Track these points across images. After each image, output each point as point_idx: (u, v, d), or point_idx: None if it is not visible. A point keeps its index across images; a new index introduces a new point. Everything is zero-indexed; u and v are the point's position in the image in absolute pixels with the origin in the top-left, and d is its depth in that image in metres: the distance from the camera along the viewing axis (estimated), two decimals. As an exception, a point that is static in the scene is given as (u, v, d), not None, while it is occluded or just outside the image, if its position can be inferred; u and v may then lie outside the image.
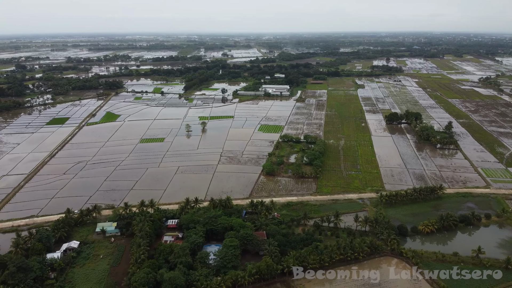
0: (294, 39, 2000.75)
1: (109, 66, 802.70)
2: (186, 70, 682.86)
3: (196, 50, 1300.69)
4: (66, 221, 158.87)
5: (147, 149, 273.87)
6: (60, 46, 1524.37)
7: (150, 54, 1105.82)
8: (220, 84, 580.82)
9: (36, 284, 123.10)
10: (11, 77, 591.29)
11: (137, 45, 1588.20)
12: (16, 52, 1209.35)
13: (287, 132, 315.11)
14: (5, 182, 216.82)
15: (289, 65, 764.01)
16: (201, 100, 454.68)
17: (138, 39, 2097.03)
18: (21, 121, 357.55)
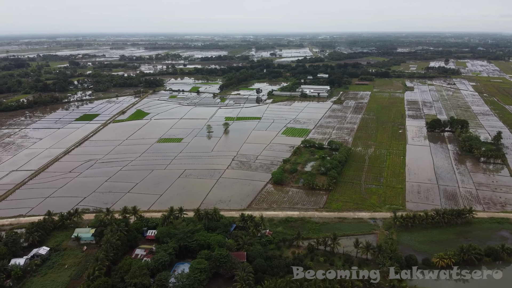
0: (351, 38, 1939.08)
1: (158, 64, 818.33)
2: (228, 69, 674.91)
3: (247, 50, 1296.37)
4: (41, 224, 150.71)
5: (161, 149, 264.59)
6: (120, 44, 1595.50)
7: (201, 54, 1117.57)
8: (260, 84, 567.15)
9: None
10: (60, 73, 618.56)
11: (192, 45, 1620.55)
12: (77, 49, 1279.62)
13: (313, 136, 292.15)
14: (11, 177, 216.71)
15: (336, 64, 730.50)
16: (234, 100, 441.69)
17: (195, 39, 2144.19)
18: (53, 116, 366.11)
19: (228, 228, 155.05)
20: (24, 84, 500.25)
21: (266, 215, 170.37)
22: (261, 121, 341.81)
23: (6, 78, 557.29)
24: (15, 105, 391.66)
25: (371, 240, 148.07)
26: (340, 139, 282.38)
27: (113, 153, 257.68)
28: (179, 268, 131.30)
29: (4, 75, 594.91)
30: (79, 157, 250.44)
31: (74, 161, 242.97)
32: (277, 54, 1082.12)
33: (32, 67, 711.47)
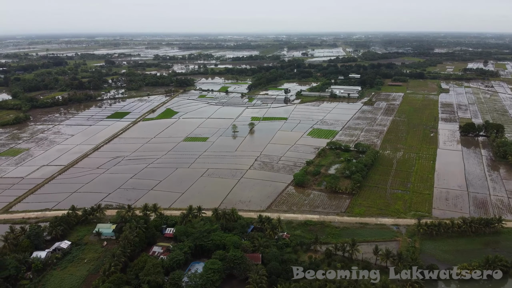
0: (386, 38, 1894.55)
1: (190, 64, 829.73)
2: (258, 69, 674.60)
3: (278, 50, 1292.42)
4: (65, 218, 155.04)
5: (187, 148, 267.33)
6: (155, 44, 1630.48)
7: (233, 54, 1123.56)
8: (289, 84, 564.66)
9: (7, 283, 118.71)
10: (96, 72, 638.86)
11: (224, 45, 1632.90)
12: (114, 48, 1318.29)
13: (340, 138, 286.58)
14: (41, 172, 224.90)
15: (369, 64, 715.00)
16: (262, 100, 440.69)
17: (228, 39, 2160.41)
18: (86, 113, 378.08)
19: (246, 229, 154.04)
20: (60, 82, 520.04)
21: (285, 217, 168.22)
22: (287, 122, 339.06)
23: (44, 76, 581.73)
24: (50, 102, 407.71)
25: (392, 247, 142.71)
26: (368, 142, 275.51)
27: (140, 151, 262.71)
28: (194, 267, 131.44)
29: (42, 72, 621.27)
30: (108, 154, 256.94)
31: (103, 158, 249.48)
32: (309, 53, 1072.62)
33: (70, 65, 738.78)
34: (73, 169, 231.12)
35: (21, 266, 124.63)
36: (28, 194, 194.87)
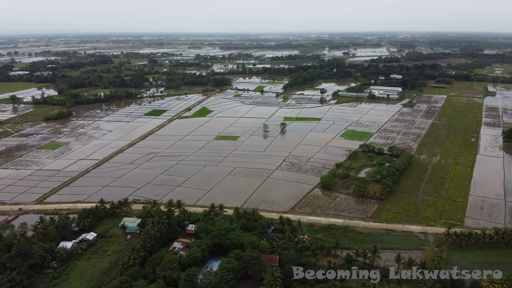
0: (433, 38, 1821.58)
1: (229, 64, 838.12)
2: (296, 69, 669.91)
3: (319, 49, 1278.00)
4: (93, 211, 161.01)
5: (217, 146, 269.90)
6: (198, 44, 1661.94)
7: (272, 53, 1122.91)
8: (327, 83, 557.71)
9: (31, 271, 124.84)
10: (138, 70, 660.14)
11: (265, 45, 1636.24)
12: (158, 48, 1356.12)
13: (375, 140, 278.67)
14: (77, 165, 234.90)
15: (412, 65, 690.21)
16: (296, 100, 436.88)
17: (269, 39, 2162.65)
18: (125, 110, 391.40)
19: (266, 230, 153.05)
20: (104, 79, 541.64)
21: (308, 220, 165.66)
22: (320, 122, 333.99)
23: (89, 73, 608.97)
24: (93, 99, 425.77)
25: (417, 256, 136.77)
26: (403, 145, 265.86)
27: (173, 148, 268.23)
28: (212, 265, 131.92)
29: (88, 70, 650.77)
30: (141, 150, 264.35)
31: (136, 154, 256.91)
32: (351, 53, 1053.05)
33: (115, 63, 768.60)
34: (108, 164, 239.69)
35: (46, 255, 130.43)
36: (62, 186, 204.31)
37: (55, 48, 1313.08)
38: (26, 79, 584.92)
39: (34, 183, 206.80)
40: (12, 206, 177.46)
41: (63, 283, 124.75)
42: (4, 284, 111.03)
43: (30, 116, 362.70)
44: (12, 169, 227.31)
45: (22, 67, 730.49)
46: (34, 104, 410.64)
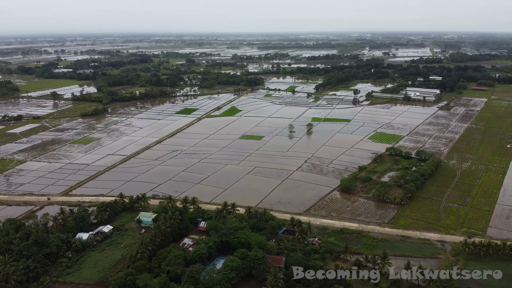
0: (481, 39, 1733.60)
1: (264, 63, 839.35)
2: (331, 69, 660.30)
3: (359, 49, 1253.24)
4: (111, 205, 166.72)
5: (240, 145, 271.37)
6: (237, 44, 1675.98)
7: (310, 53, 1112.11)
8: (363, 84, 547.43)
9: (47, 259, 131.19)
10: (175, 70, 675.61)
11: (304, 44, 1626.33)
12: (198, 48, 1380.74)
13: (404, 144, 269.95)
14: (105, 160, 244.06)
15: (454, 67, 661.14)
16: (328, 100, 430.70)
17: (309, 38, 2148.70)
18: (158, 108, 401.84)
19: (276, 230, 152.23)
20: (142, 78, 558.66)
21: (321, 222, 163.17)
22: (349, 124, 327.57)
23: (129, 72, 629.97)
24: (128, 96, 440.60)
25: (431, 265, 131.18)
26: (433, 150, 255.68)
27: (198, 146, 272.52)
28: (219, 262, 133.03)
29: (128, 69, 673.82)
30: (168, 147, 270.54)
31: (162, 150, 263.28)
32: (391, 53, 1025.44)
33: (154, 63, 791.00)
34: (134, 160, 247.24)
35: (62, 245, 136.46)
36: (88, 179, 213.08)
37: (100, 47, 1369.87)
38: (69, 76, 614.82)
39: (63, 176, 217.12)
40: (39, 197, 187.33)
41: (76, 272, 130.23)
42: (18, 271, 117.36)
43: (68, 112, 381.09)
44: (44, 162, 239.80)
45: (66, 64, 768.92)
46: (73, 101, 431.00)
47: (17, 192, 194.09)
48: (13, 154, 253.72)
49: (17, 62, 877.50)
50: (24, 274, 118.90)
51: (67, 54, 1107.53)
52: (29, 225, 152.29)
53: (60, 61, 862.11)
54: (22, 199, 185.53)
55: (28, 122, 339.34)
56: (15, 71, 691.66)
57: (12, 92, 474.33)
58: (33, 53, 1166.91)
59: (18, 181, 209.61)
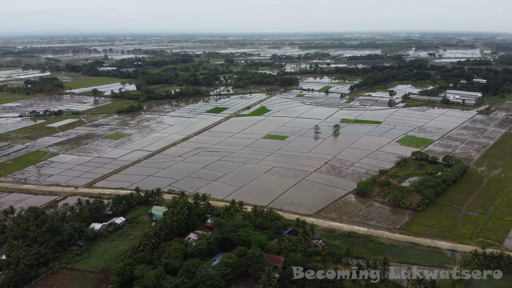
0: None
1: (302, 63, 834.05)
2: (370, 69, 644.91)
3: (405, 49, 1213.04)
4: (126, 198, 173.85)
5: (263, 145, 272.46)
6: (278, 44, 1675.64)
7: (352, 53, 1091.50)
8: (402, 85, 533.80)
9: (58, 246, 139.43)
10: (213, 69, 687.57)
11: (347, 44, 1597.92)
12: (240, 48, 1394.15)
13: (433, 148, 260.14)
14: (132, 155, 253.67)
15: (503, 69, 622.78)
16: (361, 101, 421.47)
17: (354, 38, 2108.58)
18: (191, 107, 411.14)
19: (281, 230, 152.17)
20: (179, 77, 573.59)
21: (329, 225, 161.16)
22: (379, 126, 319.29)
23: (169, 71, 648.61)
24: (164, 95, 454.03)
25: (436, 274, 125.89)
26: (463, 155, 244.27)
27: (221, 144, 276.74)
28: (219, 258, 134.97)
29: (168, 68, 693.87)
30: (192, 145, 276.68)
31: (187, 148, 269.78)
32: (437, 54, 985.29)
33: (194, 63, 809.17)
34: (159, 155, 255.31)
35: (74, 234, 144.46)
36: (113, 173, 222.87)
37: (146, 47, 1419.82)
38: (112, 74, 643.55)
39: (89, 169, 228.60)
40: (64, 188, 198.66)
41: (84, 260, 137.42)
42: (29, 256, 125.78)
43: (105, 108, 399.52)
44: (75, 155, 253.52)
45: (111, 63, 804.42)
46: (112, 98, 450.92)
47: (45, 183, 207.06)
48: (48, 147, 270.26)
49: (66, 60, 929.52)
50: (35, 259, 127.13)
51: (114, 53, 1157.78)
52: (50, 213, 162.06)
53: (106, 60, 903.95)
54: (48, 189, 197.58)
55: (67, 117, 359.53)
56: (63, 69, 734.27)
57: (57, 88, 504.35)
58: (83, 52, 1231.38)
59: (47, 172, 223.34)
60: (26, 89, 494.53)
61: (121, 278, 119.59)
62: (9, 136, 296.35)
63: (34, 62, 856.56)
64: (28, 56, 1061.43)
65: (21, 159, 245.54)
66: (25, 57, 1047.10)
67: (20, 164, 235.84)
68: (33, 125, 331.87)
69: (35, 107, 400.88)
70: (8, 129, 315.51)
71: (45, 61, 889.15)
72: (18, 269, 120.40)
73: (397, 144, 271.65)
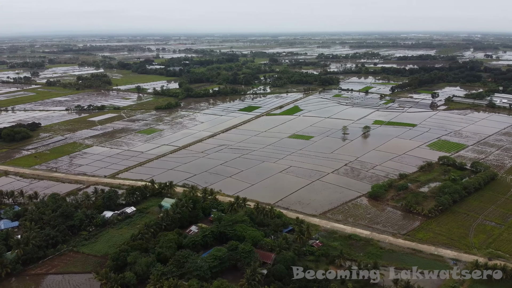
0: None
1: (350, 63, 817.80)
2: (417, 70, 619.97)
3: (462, 50, 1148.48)
4: (140, 189, 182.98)
5: (286, 144, 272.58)
6: (329, 43, 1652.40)
7: (404, 52, 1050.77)
8: (450, 87, 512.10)
9: (69, 231, 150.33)
10: (255, 69, 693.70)
11: (401, 43, 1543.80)
12: (288, 47, 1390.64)
13: (465, 154, 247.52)
14: (159, 150, 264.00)
15: None
16: (401, 103, 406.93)
17: (410, 37, 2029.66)
18: (225, 105, 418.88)
19: (280, 228, 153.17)
20: (220, 76, 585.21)
21: (332, 226, 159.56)
22: (413, 129, 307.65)
23: (213, 70, 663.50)
24: (202, 93, 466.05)
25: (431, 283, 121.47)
26: (496, 162, 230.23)
27: (245, 142, 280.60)
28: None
29: (213, 67, 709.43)
30: (218, 142, 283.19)
31: (211, 144, 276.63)
32: (495, 56, 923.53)
33: (239, 62, 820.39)
34: (183, 151, 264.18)
35: (85, 220, 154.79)
36: (136, 166, 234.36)
37: (198, 46, 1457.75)
38: (159, 72, 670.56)
39: (117, 161, 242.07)
40: (89, 178, 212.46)
41: (90, 244, 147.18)
42: (38, 237, 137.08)
43: (145, 104, 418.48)
44: (107, 148, 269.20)
45: (161, 62, 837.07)
46: (154, 95, 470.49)
47: (73, 172, 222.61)
48: (85, 139, 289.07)
49: (121, 58, 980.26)
50: (44, 240, 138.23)
51: (166, 52, 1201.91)
52: (70, 200, 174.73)
53: (157, 59, 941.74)
54: (75, 178, 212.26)
55: (108, 112, 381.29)
56: (115, 66, 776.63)
57: (105, 84, 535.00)
58: (137, 50, 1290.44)
59: (78, 162, 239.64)
60: (76, 84, 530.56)
61: (115, 263, 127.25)
62: (52, 128, 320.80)
63: (90, 60, 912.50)
64: (86, 54, 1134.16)
65: (58, 149, 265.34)
66: (83, 54, 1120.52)
67: (56, 154, 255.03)
68: (76, 119, 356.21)
69: (81, 101, 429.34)
70: (53, 122, 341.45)
71: (100, 58, 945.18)
72: (27, 248, 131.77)
73: (426, 148, 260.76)
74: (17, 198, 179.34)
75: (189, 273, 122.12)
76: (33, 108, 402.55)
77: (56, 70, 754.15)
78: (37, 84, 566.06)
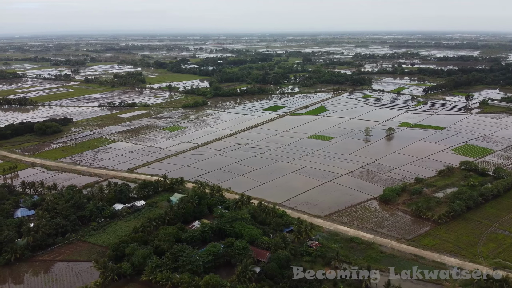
0: None
1: (386, 63, 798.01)
2: (455, 71, 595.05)
3: (507, 51, 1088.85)
4: (151, 184, 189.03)
5: (305, 144, 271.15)
6: (368, 43, 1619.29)
7: (446, 53, 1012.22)
8: (489, 89, 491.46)
9: (79, 221, 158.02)
10: (287, 68, 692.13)
11: (444, 44, 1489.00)
12: (326, 47, 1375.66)
13: (491, 159, 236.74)
14: (179, 146, 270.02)
15: None
16: (432, 105, 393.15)
17: (455, 38, 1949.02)
18: (251, 104, 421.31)
19: (281, 228, 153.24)
20: (250, 76, 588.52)
21: (335, 228, 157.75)
22: (440, 132, 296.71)
23: (245, 70, 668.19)
24: (230, 92, 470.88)
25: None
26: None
27: (264, 141, 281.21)
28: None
29: (245, 67, 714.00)
30: (237, 140, 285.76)
31: (230, 143, 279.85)
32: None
33: (272, 62, 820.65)
34: (202, 148, 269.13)
35: (95, 211, 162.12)
36: (155, 161, 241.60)
37: (235, 46, 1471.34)
38: (192, 72, 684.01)
39: (137, 156, 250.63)
40: (108, 171, 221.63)
41: (98, 235, 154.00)
42: (48, 225, 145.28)
43: (174, 103, 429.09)
44: (131, 143, 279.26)
45: (196, 61, 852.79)
46: (184, 93, 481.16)
47: (94, 165, 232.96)
48: (111, 134, 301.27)
49: (159, 57, 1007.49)
50: (54, 229, 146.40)
51: (203, 52, 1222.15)
52: (86, 192, 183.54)
53: (193, 58, 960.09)
54: (95, 171, 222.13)
55: (138, 109, 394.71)
56: (152, 65, 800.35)
57: (138, 83, 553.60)
58: (176, 50, 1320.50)
59: (101, 156, 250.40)
60: (112, 82, 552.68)
61: (115, 253, 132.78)
62: (82, 123, 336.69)
63: (129, 58, 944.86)
64: (126, 53, 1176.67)
65: (85, 144, 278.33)
66: (123, 53, 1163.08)
67: (82, 148, 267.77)
68: (107, 115, 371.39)
69: (114, 98, 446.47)
70: (85, 117, 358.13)
71: (139, 57, 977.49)
72: (37, 236, 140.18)
73: (450, 153, 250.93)
74: (38, 188, 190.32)
75: (182, 266, 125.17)
76: (69, 104, 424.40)
77: (96, 68, 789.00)
78: (76, 81, 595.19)
